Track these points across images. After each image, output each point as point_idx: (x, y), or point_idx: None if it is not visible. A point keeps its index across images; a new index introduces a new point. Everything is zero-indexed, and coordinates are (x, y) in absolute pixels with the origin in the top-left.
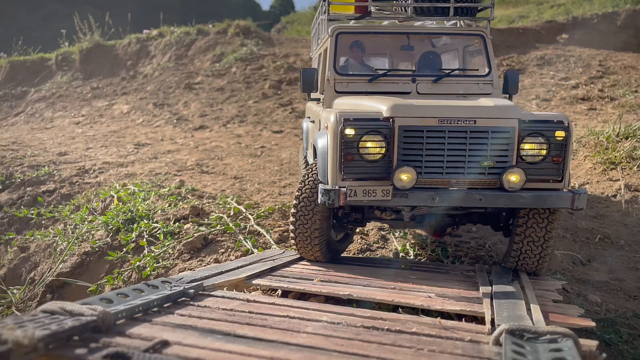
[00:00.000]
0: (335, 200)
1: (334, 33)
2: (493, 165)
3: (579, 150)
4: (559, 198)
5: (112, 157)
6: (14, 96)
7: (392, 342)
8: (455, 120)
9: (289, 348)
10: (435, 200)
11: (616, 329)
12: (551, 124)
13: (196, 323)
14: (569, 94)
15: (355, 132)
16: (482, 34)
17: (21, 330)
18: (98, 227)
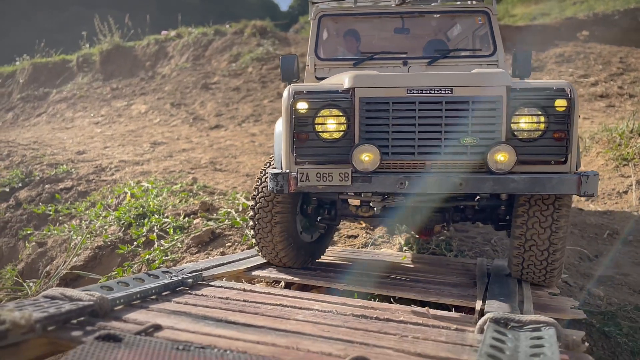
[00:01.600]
0: (284, 186)
1: (316, 16)
2: (476, 142)
3: (592, 146)
4: (561, 181)
5: (128, 155)
6: (36, 97)
7: (378, 329)
8: (427, 89)
9: (277, 333)
10: (405, 185)
11: (617, 322)
12: (549, 92)
13: (190, 310)
14: (588, 91)
15: (309, 106)
16: (487, 10)
17: (19, 312)
18: (111, 222)
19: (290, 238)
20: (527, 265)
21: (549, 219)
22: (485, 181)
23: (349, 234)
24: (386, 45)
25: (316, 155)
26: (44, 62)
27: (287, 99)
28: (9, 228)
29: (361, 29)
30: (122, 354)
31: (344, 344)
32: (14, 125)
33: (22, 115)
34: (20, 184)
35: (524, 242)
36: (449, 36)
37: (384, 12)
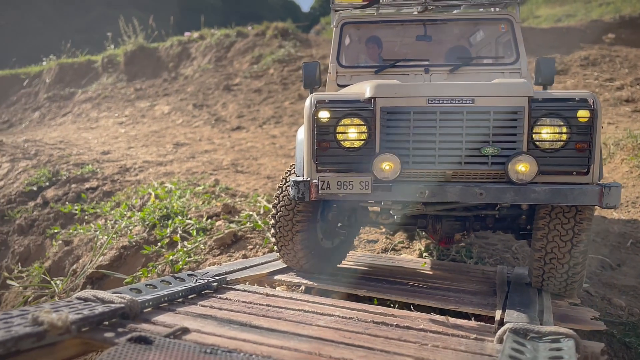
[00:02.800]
0: (306, 193)
1: (338, 23)
2: (497, 152)
3: (616, 153)
4: (582, 193)
5: (151, 156)
6: (62, 97)
7: (399, 337)
8: (448, 99)
9: (299, 339)
10: (425, 194)
11: (638, 333)
12: (572, 103)
13: (216, 313)
14: (613, 96)
15: (330, 115)
16: (509, 17)
17: (56, 313)
18: (136, 222)
19: (311, 245)
20: (547, 277)
21: (570, 232)
22: (506, 191)
23: (369, 238)
24: (408, 52)
25: (337, 163)
26: (70, 63)
27: (309, 107)
28: (37, 226)
29: (383, 36)
30: (153, 356)
31: (365, 351)
32: (40, 124)
33: (49, 115)
34: (47, 183)
35: (544, 254)
36: (472, 42)
37: (406, 20)
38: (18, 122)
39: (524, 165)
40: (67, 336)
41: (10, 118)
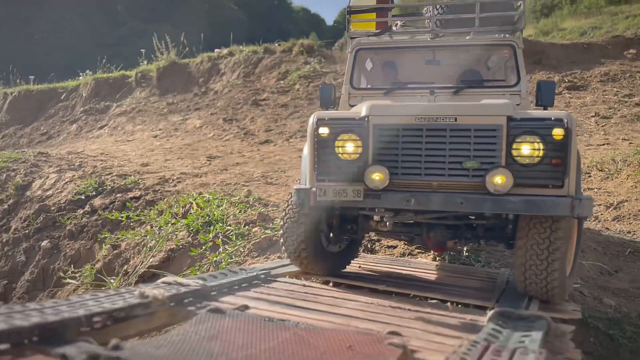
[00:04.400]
0: (305, 200)
1: (353, 49)
2: (478, 166)
3: (623, 169)
4: (554, 204)
5: (187, 168)
6: (98, 110)
7: (410, 317)
8: (433, 118)
9: (333, 315)
10: (411, 202)
11: (622, 327)
12: (548, 122)
13: (266, 297)
14: (631, 112)
15: (330, 131)
16: (513, 44)
17: (157, 290)
18: (180, 228)
19: (316, 250)
20: (528, 283)
21: (547, 241)
22: (484, 201)
23: (389, 244)
24: (419, 74)
25: (335, 173)
26: (105, 78)
27: (311, 124)
28: (86, 232)
29: (397, 60)
30: (227, 322)
31: (382, 325)
32: (78, 136)
33: (85, 128)
34: (94, 193)
35: (525, 261)
36: (489, 65)
37: (416, 46)
38: (56, 134)
39: (500, 177)
40: (162, 307)
41: (49, 130)
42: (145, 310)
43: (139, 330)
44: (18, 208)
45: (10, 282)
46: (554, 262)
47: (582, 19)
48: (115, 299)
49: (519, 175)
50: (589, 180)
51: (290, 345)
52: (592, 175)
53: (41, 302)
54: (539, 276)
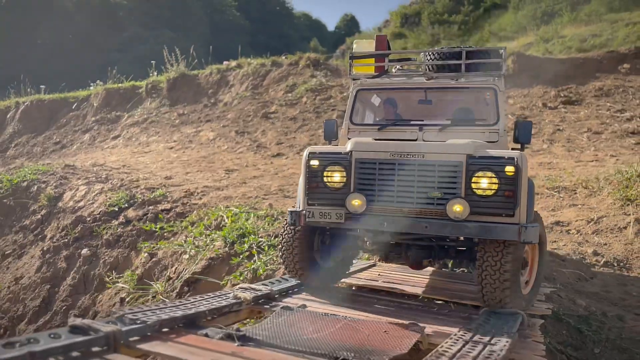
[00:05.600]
0: (297, 220)
1: (354, 90)
2: (441, 196)
3: (605, 187)
4: (504, 230)
5: (208, 181)
6: (109, 120)
7: (417, 313)
8: (405, 154)
9: (367, 312)
10: (384, 225)
11: (589, 322)
12: (502, 160)
13: (316, 298)
14: (621, 127)
15: (319, 163)
16: (494, 87)
17: (245, 292)
18: (216, 239)
19: (310, 265)
20: (486, 298)
21: (498, 262)
22: (445, 226)
23: None
24: (413, 112)
25: (323, 199)
26: (116, 88)
27: (305, 157)
28: (122, 241)
29: (395, 97)
30: (297, 315)
31: (403, 318)
32: (91, 146)
33: (99, 137)
34: (126, 205)
35: (482, 279)
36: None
37: (409, 87)
38: (69, 143)
39: (459, 206)
40: (247, 306)
41: (61, 139)
42: (238, 307)
43: (233, 322)
44: (51, 218)
45: (53, 286)
46: (505, 280)
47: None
48: (220, 300)
49: (475, 205)
50: (575, 197)
51: (345, 331)
52: (578, 192)
53: (173, 301)
54: (493, 293)
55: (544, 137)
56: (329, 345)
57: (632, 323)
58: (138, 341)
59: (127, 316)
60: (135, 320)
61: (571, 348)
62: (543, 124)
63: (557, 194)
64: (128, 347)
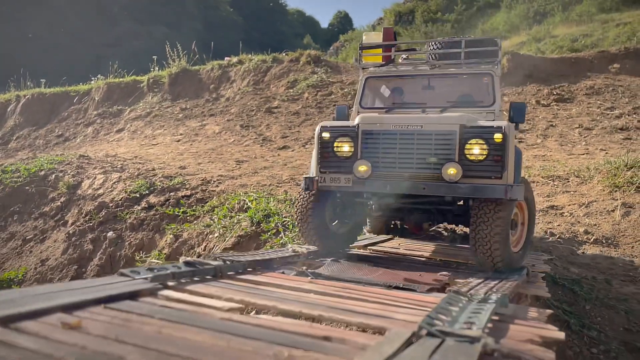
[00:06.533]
0: (310, 185)
1: (363, 77)
2: (437, 161)
3: (595, 176)
4: (493, 189)
5: (221, 171)
6: (111, 114)
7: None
8: (405, 125)
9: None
10: (387, 187)
11: (580, 284)
12: (491, 129)
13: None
14: (611, 124)
15: (330, 135)
16: (491, 72)
17: (302, 248)
18: (243, 219)
19: (323, 230)
20: (477, 252)
21: (490, 219)
22: (440, 187)
23: None
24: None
25: (333, 167)
26: (117, 82)
27: (317, 130)
28: (146, 224)
29: (401, 85)
30: (344, 265)
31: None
32: (95, 139)
33: (102, 131)
34: (147, 192)
35: (475, 235)
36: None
37: (413, 75)
38: (72, 136)
39: (453, 169)
40: (302, 259)
41: (64, 132)
42: (297, 259)
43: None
44: (71, 205)
45: (80, 267)
46: (496, 235)
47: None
48: (283, 252)
49: (468, 169)
50: (567, 185)
51: (386, 275)
52: (570, 181)
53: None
54: (485, 252)
55: (538, 132)
56: (379, 280)
57: (617, 286)
58: (235, 274)
59: (226, 258)
60: (232, 260)
61: (566, 304)
62: (537, 120)
63: (551, 182)
64: (229, 278)
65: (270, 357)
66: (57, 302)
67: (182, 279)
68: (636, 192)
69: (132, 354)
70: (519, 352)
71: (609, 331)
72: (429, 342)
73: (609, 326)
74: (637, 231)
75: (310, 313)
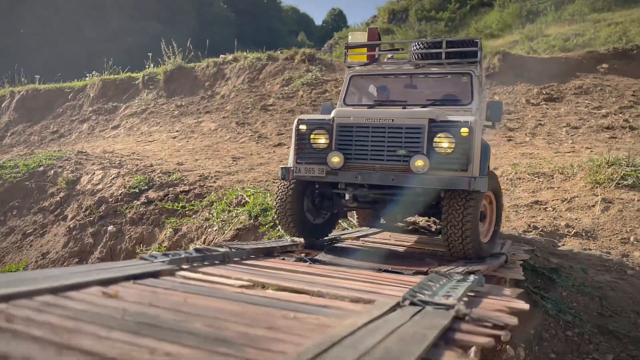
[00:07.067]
0: (286, 175)
1: (348, 75)
2: (406, 154)
3: (578, 173)
4: (457, 180)
5: (218, 167)
6: (106, 110)
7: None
8: (377, 119)
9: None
10: (358, 178)
11: (558, 272)
12: (457, 123)
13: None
14: (597, 123)
15: (306, 128)
16: (470, 72)
17: (299, 240)
18: (241, 214)
19: (301, 221)
20: (450, 243)
21: (461, 208)
22: (409, 178)
23: None
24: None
25: (309, 157)
26: (112, 79)
27: (295, 123)
28: (146, 219)
29: (385, 83)
30: (340, 252)
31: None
32: (91, 135)
33: (98, 127)
34: (146, 187)
35: (447, 224)
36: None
37: (396, 74)
38: (67, 132)
39: (420, 161)
40: (298, 248)
41: (59, 129)
42: (295, 248)
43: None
44: (70, 200)
45: (81, 260)
46: (468, 224)
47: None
48: (283, 242)
49: (435, 161)
50: (552, 181)
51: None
52: (555, 177)
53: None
54: (457, 240)
55: (526, 130)
56: (372, 264)
57: (593, 275)
58: (240, 260)
59: (231, 246)
60: (238, 248)
61: (544, 291)
62: (526, 119)
63: (536, 179)
64: (235, 263)
65: (279, 317)
66: (93, 277)
67: (194, 263)
68: (616, 188)
69: (166, 314)
70: (487, 317)
71: (583, 315)
72: (411, 309)
73: (583, 311)
74: (614, 225)
75: (310, 289)
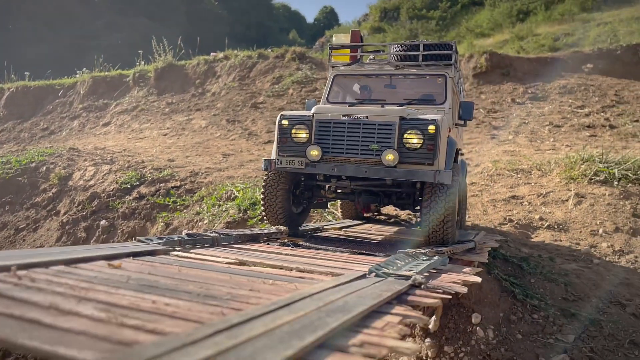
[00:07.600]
0: (269, 166)
1: (332, 75)
2: (379, 148)
3: (554, 169)
4: (424, 173)
5: (208, 163)
6: (97, 107)
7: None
8: (352, 116)
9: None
10: (334, 170)
11: (527, 261)
12: (426, 121)
13: (321, 236)
14: (579, 122)
15: (288, 123)
16: (444, 74)
17: (283, 228)
18: (231, 207)
19: (285, 210)
20: (431, 234)
21: (442, 200)
22: (380, 170)
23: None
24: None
25: (290, 150)
26: (103, 76)
27: (278, 119)
28: (137, 213)
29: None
30: (322, 238)
31: None
32: (81, 132)
33: (88, 124)
34: (137, 183)
35: (428, 218)
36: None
37: (376, 74)
38: (58, 129)
39: (391, 155)
40: (282, 235)
41: (49, 125)
42: (280, 235)
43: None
44: (62, 195)
45: None
46: (447, 213)
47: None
48: (270, 230)
49: (404, 155)
50: (530, 177)
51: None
52: (532, 174)
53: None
54: (438, 229)
55: (510, 129)
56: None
57: (560, 263)
58: (228, 244)
59: (220, 232)
60: (226, 234)
61: (513, 278)
62: (511, 118)
63: (515, 175)
64: (223, 246)
65: (260, 283)
66: (99, 253)
67: (186, 245)
68: (588, 184)
69: (164, 280)
70: (440, 287)
71: (549, 300)
72: (375, 279)
73: (549, 296)
74: (585, 218)
75: (289, 266)
